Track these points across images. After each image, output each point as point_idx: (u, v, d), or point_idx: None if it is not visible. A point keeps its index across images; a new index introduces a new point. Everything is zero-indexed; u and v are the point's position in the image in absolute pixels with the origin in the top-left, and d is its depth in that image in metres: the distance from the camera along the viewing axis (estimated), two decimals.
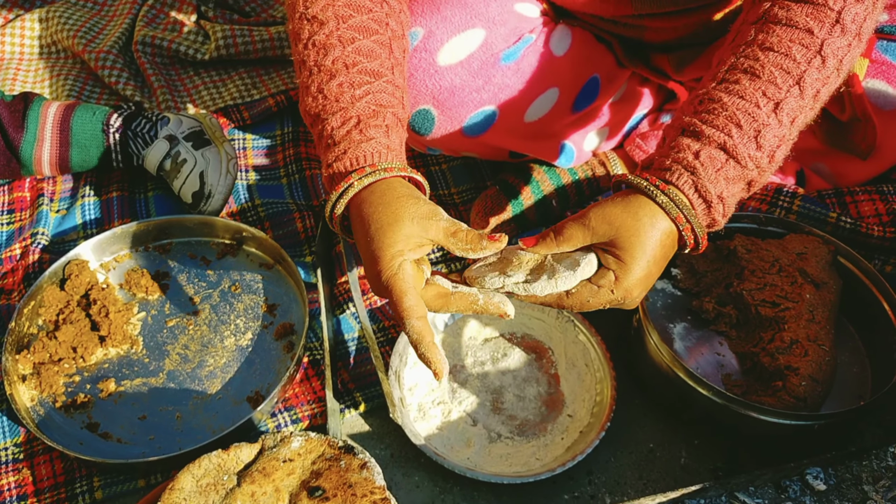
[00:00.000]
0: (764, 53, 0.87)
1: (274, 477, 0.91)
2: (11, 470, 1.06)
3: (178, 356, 1.17)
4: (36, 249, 1.28)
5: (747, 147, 0.85)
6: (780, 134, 0.87)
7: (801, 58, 0.86)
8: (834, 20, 0.86)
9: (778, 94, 0.86)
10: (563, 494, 1.04)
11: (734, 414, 1.00)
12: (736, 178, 0.87)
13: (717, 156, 0.85)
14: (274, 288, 1.25)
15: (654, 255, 0.85)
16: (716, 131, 0.86)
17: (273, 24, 1.70)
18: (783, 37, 0.87)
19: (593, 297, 0.85)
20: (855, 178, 1.32)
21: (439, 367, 0.82)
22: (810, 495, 0.95)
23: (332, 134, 0.91)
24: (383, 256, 0.84)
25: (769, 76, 0.86)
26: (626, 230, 0.84)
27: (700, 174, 0.85)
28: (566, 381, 1.15)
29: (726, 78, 0.88)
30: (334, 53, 0.93)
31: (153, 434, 1.08)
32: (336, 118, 0.91)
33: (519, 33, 1.17)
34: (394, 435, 1.10)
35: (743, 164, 0.86)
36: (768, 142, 0.86)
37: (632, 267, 0.84)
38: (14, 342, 1.13)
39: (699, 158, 0.85)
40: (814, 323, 1.07)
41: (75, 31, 1.66)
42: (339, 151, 0.90)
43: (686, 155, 0.86)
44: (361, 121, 0.90)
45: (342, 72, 0.92)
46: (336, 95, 0.92)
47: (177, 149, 1.34)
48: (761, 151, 0.86)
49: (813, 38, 0.86)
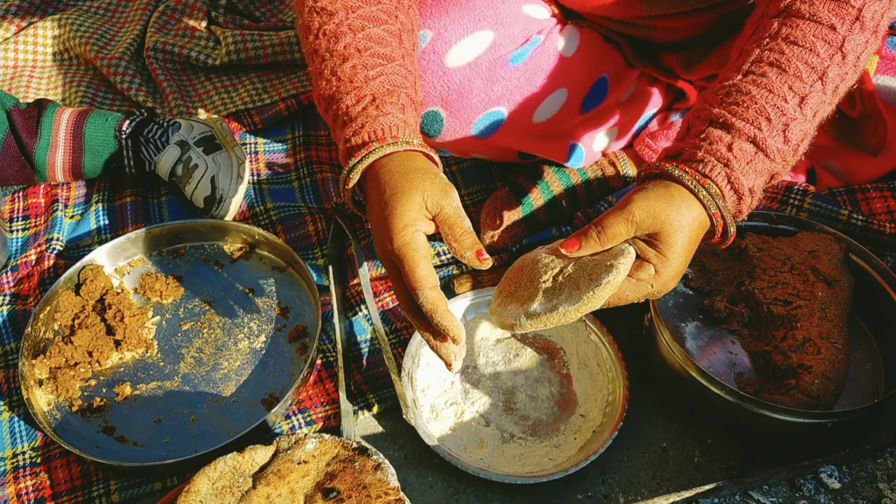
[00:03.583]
0: (789, 47, 0.88)
1: (289, 479, 0.92)
2: (29, 474, 1.07)
3: (192, 359, 1.18)
4: (51, 255, 1.29)
5: (776, 140, 0.87)
6: (804, 128, 0.88)
7: (825, 53, 0.88)
8: (854, 17, 0.88)
9: (803, 89, 0.87)
10: (577, 494, 1.05)
11: (747, 413, 1.00)
12: (763, 171, 0.88)
13: (747, 149, 0.87)
14: (286, 291, 1.26)
15: (691, 248, 0.86)
16: (746, 124, 0.87)
17: (283, 29, 1.71)
18: (807, 32, 0.88)
19: (632, 292, 0.86)
20: (866, 175, 1.31)
21: (457, 333, 0.82)
22: (825, 493, 0.95)
23: (348, 111, 0.92)
24: (396, 224, 0.84)
25: (795, 70, 0.87)
26: (671, 225, 0.84)
27: (734, 167, 0.86)
28: (578, 381, 1.15)
29: (752, 70, 0.89)
30: (345, 40, 0.94)
31: (169, 437, 1.09)
32: (351, 97, 0.92)
33: (527, 34, 1.17)
34: (407, 436, 1.11)
35: (771, 158, 0.87)
36: (795, 136, 0.88)
37: (673, 261, 0.85)
38: (30, 347, 1.14)
39: (732, 151, 0.86)
40: (826, 321, 1.06)
41: (87, 38, 1.67)
42: (357, 126, 0.91)
43: (719, 147, 0.87)
44: (377, 98, 0.91)
45: (354, 55, 0.93)
46: (350, 76, 0.93)
47: (188, 154, 1.35)
48: (788, 145, 0.88)
49: (835, 34, 0.88)
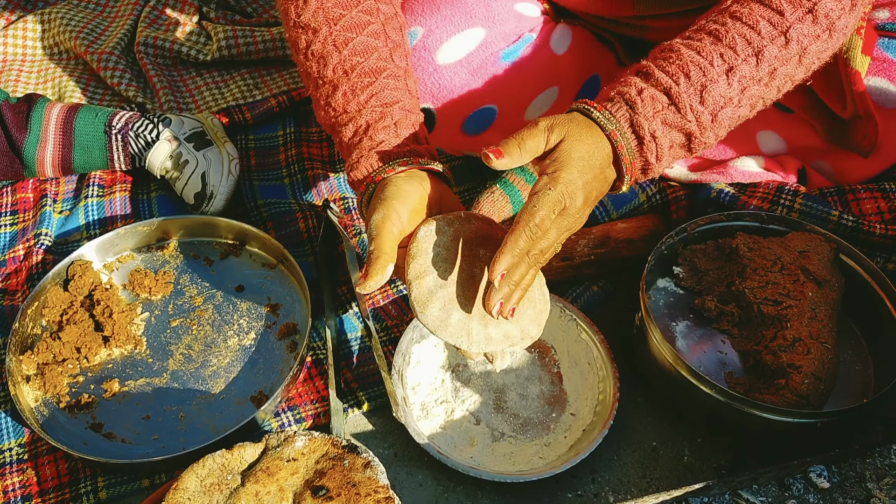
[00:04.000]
0: (732, 21, 0.91)
1: (278, 476, 0.91)
2: (16, 470, 1.06)
3: (181, 356, 1.17)
4: (39, 250, 1.28)
5: (691, 98, 0.88)
6: (727, 95, 0.89)
7: (766, 33, 0.90)
8: (808, 9, 0.90)
9: (734, 60, 0.90)
10: (567, 493, 1.05)
11: (737, 412, 1.00)
12: (674, 125, 0.89)
13: (658, 97, 0.88)
14: (277, 288, 1.25)
15: (589, 161, 0.85)
16: (664, 76, 0.88)
17: (275, 25, 1.71)
18: (754, 11, 0.90)
19: (538, 204, 0.81)
20: (857, 176, 1.32)
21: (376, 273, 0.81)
22: (814, 493, 0.95)
23: (348, 143, 0.94)
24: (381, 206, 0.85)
25: (730, 41, 0.90)
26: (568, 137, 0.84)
27: (638, 110, 0.87)
28: (569, 379, 1.15)
29: (690, 36, 0.92)
30: (332, 61, 0.95)
31: (157, 434, 1.09)
32: (348, 129, 0.94)
33: (519, 32, 1.17)
34: (397, 434, 1.10)
35: (682, 114, 0.88)
36: (713, 98, 0.89)
37: (567, 164, 0.83)
38: (18, 343, 1.13)
39: (641, 95, 0.88)
40: (816, 321, 1.07)
41: (77, 33, 1.66)
42: (354, 161, 0.93)
43: (629, 90, 0.88)
44: (370, 126, 0.93)
45: (343, 80, 0.94)
46: (343, 107, 0.94)
47: (178, 150, 1.35)
48: (704, 106, 0.89)
49: (783, 19, 0.90)
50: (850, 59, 1.16)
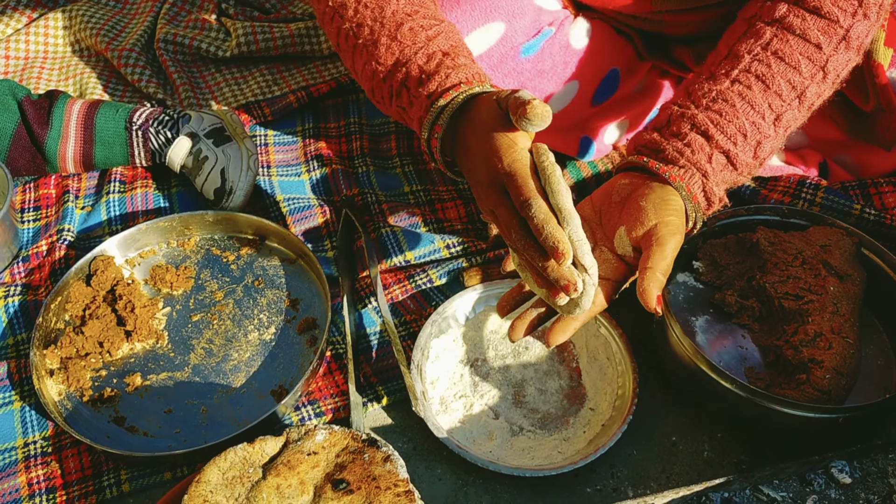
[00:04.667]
0: (776, 62, 0.94)
1: (299, 469, 0.92)
2: (40, 463, 1.07)
3: (202, 350, 1.18)
4: (62, 246, 1.29)
5: (746, 155, 0.94)
6: (774, 144, 0.96)
7: (807, 72, 0.94)
8: (841, 37, 0.93)
9: (781, 107, 0.94)
10: (586, 487, 1.05)
11: (757, 407, 1.00)
12: (728, 181, 0.95)
13: (720, 160, 0.93)
14: (296, 283, 1.26)
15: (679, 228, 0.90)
16: (724, 138, 0.93)
17: (293, 21, 1.71)
18: (795, 48, 0.94)
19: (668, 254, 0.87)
20: (879, 170, 1.31)
21: (566, 248, 0.77)
22: (835, 488, 0.94)
23: (423, 68, 0.92)
24: (503, 143, 0.82)
25: (777, 88, 0.94)
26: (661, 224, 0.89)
27: (710, 178, 0.92)
28: (588, 374, 1.15)
29: (739, 80, 0.95)
30: (391, 7, 0.96)
31: (179, 427, 1.10)
32: (420, 55, 0.92)
33: (538, 26, 1.16)
34: (416, 428, 1.11)
35: (739, 171, 0.94)
36: (764, 152, 0.95)
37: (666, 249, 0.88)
38: (41, 337, 1.15)
39: (711, 163, 0.92)
40: (838, 315, 1.06)
41: (98, 30, 1.68)
42: (443, 77, 0.90)
43: (700, 158, 0.92)
44: (448, 53, 0.92)
45: (407, 20, 0.95)
46: (411, 39, 0.94)
47: (198, 146, 1.36)
48: (756, 160, 0.95)
49: (820, 53, 0.93)
50: (873, 52, 1.15)
